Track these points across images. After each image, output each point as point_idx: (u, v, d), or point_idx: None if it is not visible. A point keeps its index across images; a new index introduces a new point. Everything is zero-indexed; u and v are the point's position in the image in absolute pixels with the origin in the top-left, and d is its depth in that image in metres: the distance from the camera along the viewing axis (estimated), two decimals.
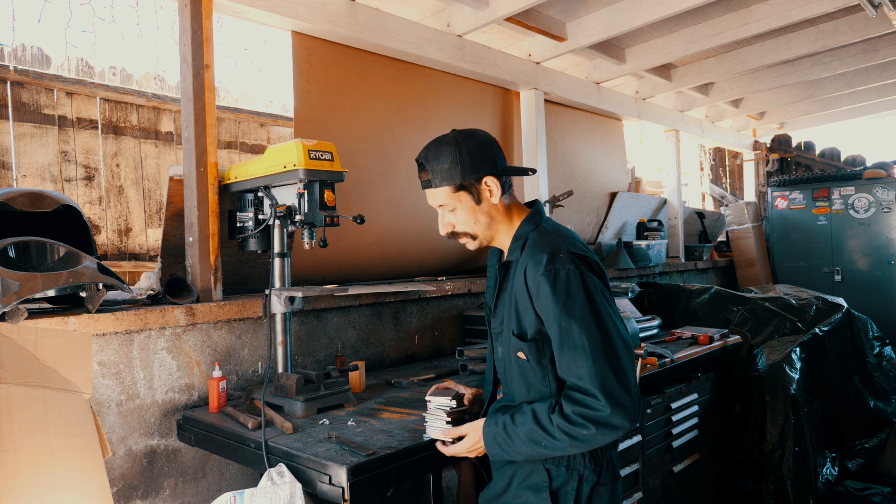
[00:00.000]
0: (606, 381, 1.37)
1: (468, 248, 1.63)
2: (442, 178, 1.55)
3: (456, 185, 1.55)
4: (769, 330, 3.69)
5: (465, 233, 1.59)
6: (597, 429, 1.37)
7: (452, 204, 1.56)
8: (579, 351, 1.39)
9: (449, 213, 1.59)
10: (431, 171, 1.55)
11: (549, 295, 1.44)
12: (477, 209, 1.57)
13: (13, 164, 2.71)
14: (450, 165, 1.54)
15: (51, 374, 1.78)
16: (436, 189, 1.56)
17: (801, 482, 3.15)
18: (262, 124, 3.67)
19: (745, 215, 6.16)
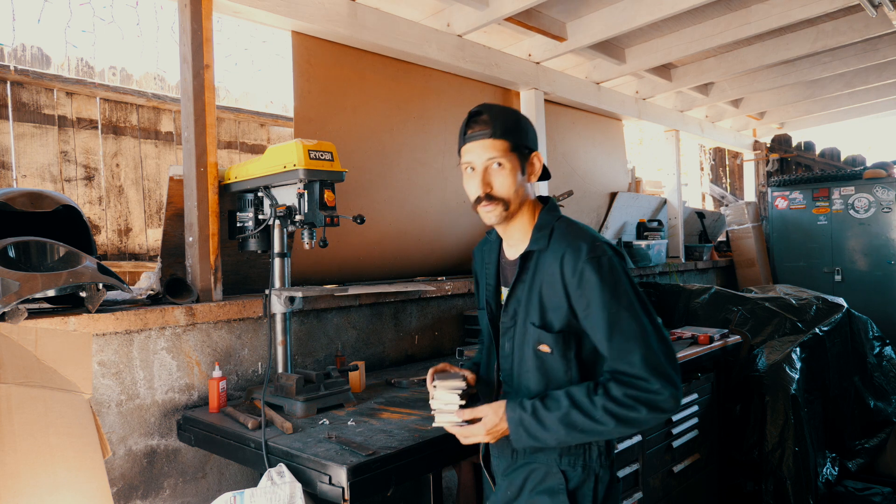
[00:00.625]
0: (660, 365, 1.36)
1: (489, 219, 1.53)
2: (505, 132, 1.48)
3: (515, 144, 1.49)
4: (769, 330, 3.69)
5: (500, 198, 1.49)
6: (648, 412, 1.35)
7: (503, 161, 1.48)
8: (631, 338, 1.38)
9: (494, 171, 1.49)
10: (494, 122, 1.48)
11: (595, 283, 1.41)
12: (519, 179, 1.51)
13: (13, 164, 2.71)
14: (515, 124, 1.51)
15: (51, 374, 1.78)
16: (494, 140, 1.47)
17: (801, 482, 3.15)
18: (262, 124, 3.67)
19: (745, 215, 6.16)
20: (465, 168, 1.53)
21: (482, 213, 1.52)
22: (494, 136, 1.48)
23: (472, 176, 1.51)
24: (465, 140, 1.51)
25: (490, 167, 1.49)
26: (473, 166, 1.51)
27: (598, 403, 1.37)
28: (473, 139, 1.50)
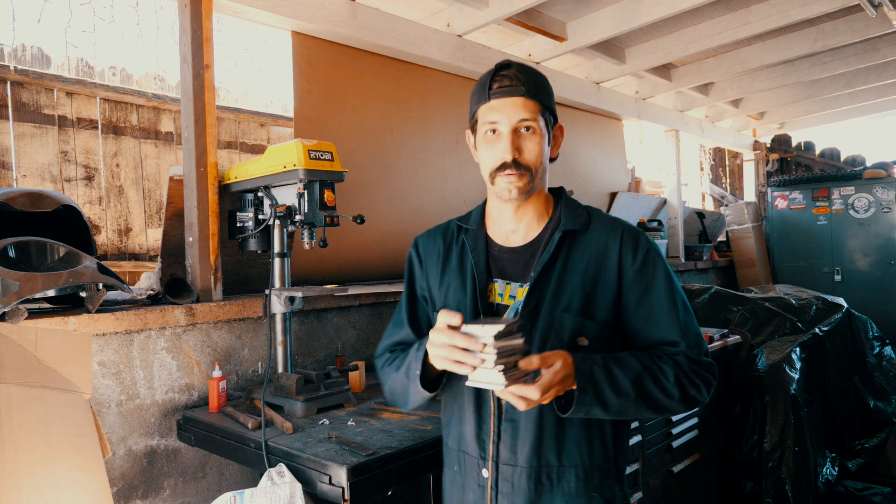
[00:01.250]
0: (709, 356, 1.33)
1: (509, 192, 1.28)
2: (539, 92, 1.28)
3: (545, 107, 1.30)
4: (769, 330, 3.69)
5: (528, 165, 1.27)
6: (707, 393, 1.28)
7: (534, 125, 1.27)
8: (693, 324, 1.32)
9: (525, 135, 1.27)
10: (527, 78, 1.27)
11: (662, 267, 1.31)
12: (546, 148, 1.31)
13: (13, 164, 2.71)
14: (544, 84, 1.31)
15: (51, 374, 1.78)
16: (527, 100, 1.26)
17: (801, 482, 3.15)
18: (262, 124, 3.67)
19: (745, 215, 6.16)
20: (485, 130, 1.29)
21: (503, 184, 1.27)
22: (528, 94, 1.26)
23: (495, 139, 1.28)
24: (490, 95, 1.27)
25: (520, 130, 1.27)
26: (497, 128, 1.27)
27: (669, 373, 1.23)
28: (500, 95, 1.27)
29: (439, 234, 1.46)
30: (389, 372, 1.41)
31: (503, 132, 1.27)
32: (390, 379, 1.40)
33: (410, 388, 1.31)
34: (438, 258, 1.42)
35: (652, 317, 1.29)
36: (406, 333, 1.44)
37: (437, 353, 1.15)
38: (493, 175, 1.28)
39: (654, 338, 1.30)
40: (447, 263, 1.41)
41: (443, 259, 1.42)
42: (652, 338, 1.30)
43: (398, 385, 1.36)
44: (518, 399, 1.11)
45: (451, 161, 3.49)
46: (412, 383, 1.29)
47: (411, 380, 1.29)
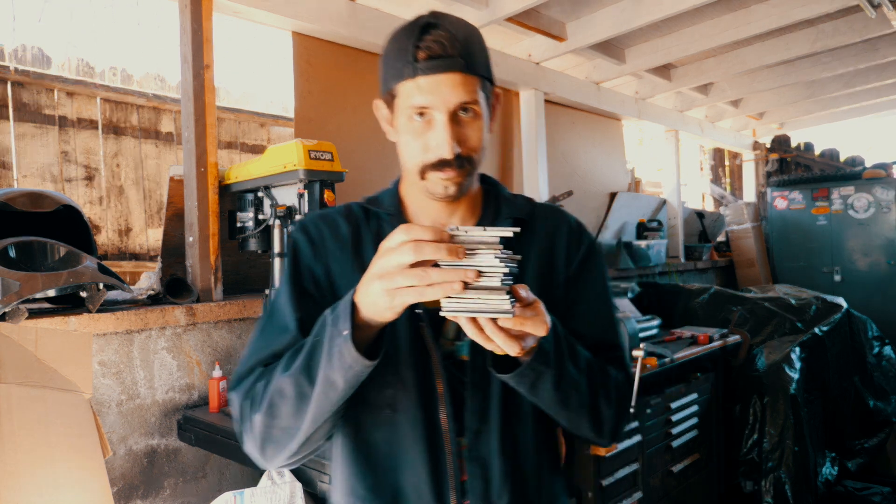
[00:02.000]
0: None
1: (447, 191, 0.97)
2: (478, 63, 0.95)
3: (485, 79, 0.98)
4: (769, 330, 3.69)
5: (471, 157, 0.96)
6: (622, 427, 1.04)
7: (476, 106, 0.95)
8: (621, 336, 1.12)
9: (466, 122, 0.95)
10: (464, 46, 0.93)
11: (602, 263, 1.13)
12: (486, 129, 0.99)
13: (14, 164, 2.71)
14: (482, 47, 0.99)
15: (51, 374, 1.79)
16: (468, 76, 0.93)
17: (801, 482, 3.16)
18: (263, 124, 3.67)
19: (744, 215, 6.17)
20: (410, 115, 0.94)
21: (438, 183, 0.95)
22: (468, 67, 0.93)
23: (424, 127, 0.94)
24: (417, 70, 0.92)
25: (459, 114, 0.94)
26: (428, 113, 0.93)
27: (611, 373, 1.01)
28: (431, 70, 0.92)
29: (340, 217, 1.08)
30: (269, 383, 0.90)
31: (437, 119, 0.93)
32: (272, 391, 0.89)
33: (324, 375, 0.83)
34: (345, 246, 1.04)
35: (590, 315, 1.07)
36: (293, 340, 0.95)
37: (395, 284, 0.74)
38: (424, 170, 0.95)
39: (593, 339, 1.04)
40: (361, 252, 1.03)
41: (352, 247, 1.04)
42: (590, 339, 1.03)
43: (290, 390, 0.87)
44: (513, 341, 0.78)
45: None
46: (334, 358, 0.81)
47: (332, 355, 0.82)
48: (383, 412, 0.98)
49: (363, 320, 0.81)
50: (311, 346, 0.87)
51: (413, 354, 0.97)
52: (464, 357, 0.99)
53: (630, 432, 2.45)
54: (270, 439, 0.92)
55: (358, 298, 0.80)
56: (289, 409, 0.88)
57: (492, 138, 3.80)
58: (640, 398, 2.51)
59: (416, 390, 0.97)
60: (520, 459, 1.00)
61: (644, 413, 2.55)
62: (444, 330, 1.00)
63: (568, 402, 0.92)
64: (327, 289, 1.02)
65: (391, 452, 0.98)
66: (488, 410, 0.98)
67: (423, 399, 0.97)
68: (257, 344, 1.00)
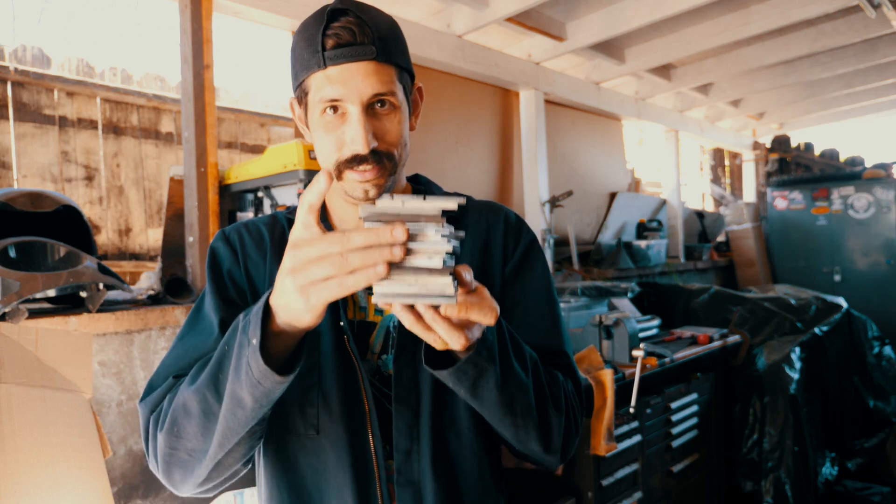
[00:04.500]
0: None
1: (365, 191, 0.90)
2: (393, 48, 0.89)
3: (401, 69, 0.91)
4: (769, 330, 3.70)
5: (390, 152, 0.90)
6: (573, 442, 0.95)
7: (392, 98, 0.89)
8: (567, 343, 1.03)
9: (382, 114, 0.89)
10: (374, 31, 0.86)
11: (543, 263, 1.04)
12: (406, 124, 0.94)
13: (14, 165, 2.71)
14: (400, 36, 0.92)
15: (51, 374, 1.79)
16: (380, 64, 0.87)
17: (801, 482, 3.16)
18: (263, 124, 3.67)
19: (744, 215, 6.17)
20: (322, 109, 0.88)
21: (356, 183, 0.89)
22: (381, 55, 0.86)
23: (337, 122, 0.88)
24: (326, 60, 0.85)
25: (373, 106, 0.88)
26: (340, 106, 0.88)
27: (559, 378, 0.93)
28: (341, 59, 0.85)
29: (263, 227, 1.02)
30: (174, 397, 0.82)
31: (351, 112, 0.87)
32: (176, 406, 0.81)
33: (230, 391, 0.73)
34: (266, 257, 0.98)
35: (529, 318, 0.98)
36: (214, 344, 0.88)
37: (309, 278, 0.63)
38: (340, 169, 0.89)
39: (534, 345, 0.95)
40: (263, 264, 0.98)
41: (274, 257, 0.98)
42: (531, 345, 0.93)
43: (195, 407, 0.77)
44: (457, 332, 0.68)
45: (451, 161, 3.50)
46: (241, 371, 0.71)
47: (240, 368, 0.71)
48: (307, 434, 0.90)
49: (279, 327, 0.70)
50: (219, 355, 0.76)
51: (337, 370, 0.89)
52: (391, 371, 0.91)
53: (630, 432, 2.45)
54: (175, 462, 0.81)
55: (273, 300, 0.69)
56: (193, 429, 0.78)
57: (491, 138, 3.80)
58: (641, 398, 2.51)
59: (341, 410, 0.89)
60: (457, 480, 0.91)
61: (644, 413, 2.55)
62: (371, 343, 0.93)
63: (513, 406, 0.82)
64: (251, 299, 0.95)
65: (316, 479, 0.89)
66: (418, 428, 0.89)
67: (348, 419, 0.89)
68: (175, 351, 0.90)
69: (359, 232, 0.61)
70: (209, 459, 0.79)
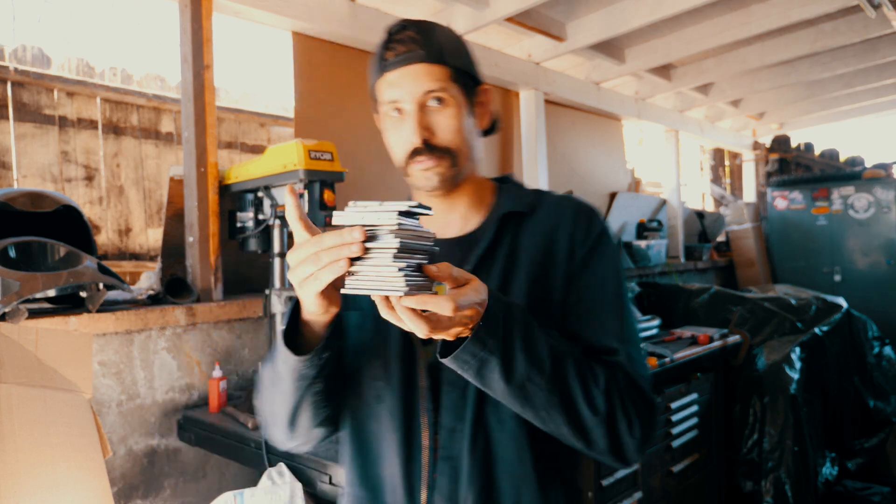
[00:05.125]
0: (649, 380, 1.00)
1: (428, 182, 1.02)
2: (445, 53, 0.99)
3: (458, 71, 1.01)
4: (769, 330, 3.70)
5: (444, 147, 0.99)
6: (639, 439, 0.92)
7: (446, 95, 0.99)
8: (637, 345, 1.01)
9: (435, 110, 0.99)
10: (427, 39, 0.98)
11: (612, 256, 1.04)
12: (468, 121, 1.03)
13: (14, 165, 2.71)
14: (454, 42, 1.03)
15: (51, 374, 1.79)
16: (431, 66, 0.98)
17: (801, 482, 3.16)
18: (263, 124, 3.67)
19: (744, 215, 6.17)
20: (387, 111, 1.02)
21: (417, 175, 1.01)
22: (430, 58, 0.97)
23: (400, 121, 1.00)
24: (385, 67, 0.99)
25: (426, 105, 0.98)
26: (400, 106, 0.99)
27: (601, 378, 0.90)
28: (397, 65, 0.98)
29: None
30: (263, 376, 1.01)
31: (408, 110, 0.99)
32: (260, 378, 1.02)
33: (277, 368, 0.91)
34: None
35: (590, 314, 0.99)
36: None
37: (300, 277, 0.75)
38: (406, 164, 1.02)
39: (588, 342, 0.97)
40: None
41: None
42: (585, 342, 0.97)
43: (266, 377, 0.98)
44: (420, 320, 0.73)
45: None
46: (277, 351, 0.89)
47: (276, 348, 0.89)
48: (372, 404, 1.01)
49: (304, 317, 0.86)
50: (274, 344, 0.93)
51: (401, 351, 0.99)
52: None
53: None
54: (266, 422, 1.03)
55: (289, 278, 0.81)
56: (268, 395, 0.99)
57: (491, 138, 3.80)
58: None
59: (399, 385, 0.99)
60: (493, 464, 0.95)
61: None
62: None
63: (530, 399, 0.85)
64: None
65: (377, 444, 1.01)
66: (464, 409, 0.96)
67: (405, 394, 0.98)
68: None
69: (329, 234, 0.73)
70: (282, 419, 0.97)
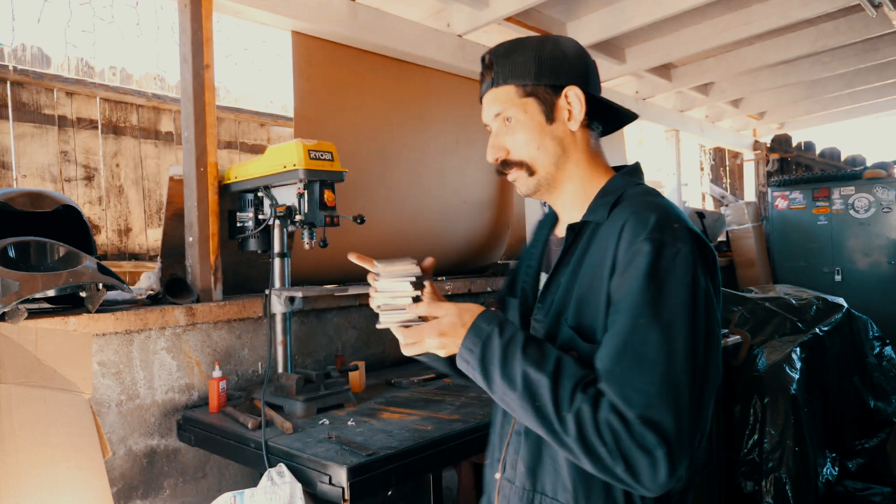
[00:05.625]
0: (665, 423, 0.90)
1: (520, 190, 1.17)
2: (510, 74, 1.12)
3: (527, 85, 1.11)
4: (769, 330, 3.69)
5: (520, 162, 1.13)
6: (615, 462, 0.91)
7: (514, 113, 1.12)
8: (641, 362, 0.93)
9: (505, 129, 1.14)
10: (498, 64, 1.13)
11: (641, 270, 0.96)
12: (546, 129, 1.12)
13: (13, 164, 2.71)
14: (524, 59, 1.12)
15: (51, 374, 1.79)
16: (496, 89, 1.13)
17: (801, 482, 3.15)
18: (262, 124, 3.67)
19: (745, 215, 6.16)
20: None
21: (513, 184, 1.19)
22: (496, 83, 1.13)
23: (492, 133, 1.18)
24: (480, 97, 1.20)
25: (501, 125, 1.14)
26: (489, 128, 1.18)
27: (577, 401, 0.94)
28: (482, 94, 1.18)
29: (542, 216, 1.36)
30: None
31: (491, 132, 1.18)
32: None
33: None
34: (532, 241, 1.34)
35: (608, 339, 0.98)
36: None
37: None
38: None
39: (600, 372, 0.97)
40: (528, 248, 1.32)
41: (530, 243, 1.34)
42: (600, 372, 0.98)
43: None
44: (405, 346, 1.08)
45: (451, 161, 3.49)
46: None
47: None
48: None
49: None
50: None
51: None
52: None
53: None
54: None
55: None
56: None
57: None
58: None
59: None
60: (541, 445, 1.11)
61: None
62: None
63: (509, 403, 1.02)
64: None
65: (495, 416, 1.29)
66: None
67: None
68: None
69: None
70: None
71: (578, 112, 1.13)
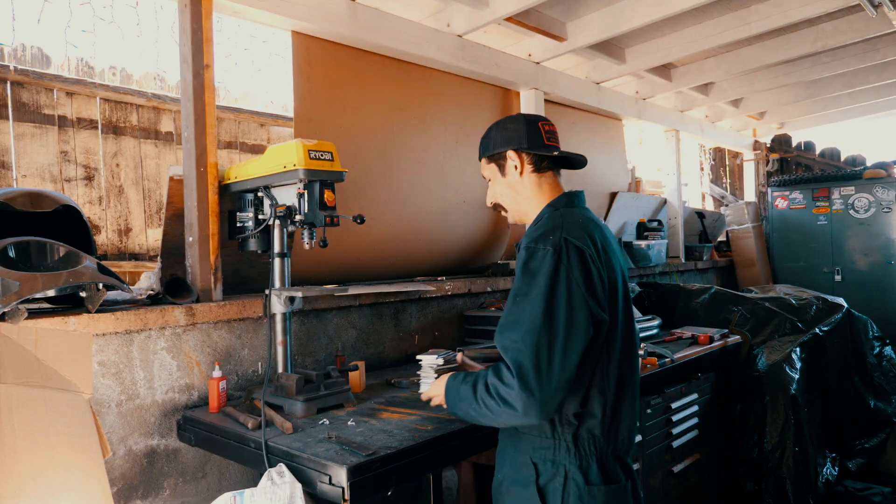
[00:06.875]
0: (525, 362, 1.34)
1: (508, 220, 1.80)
2: (482, 151, 1.74)
3: (487, 156, 1.71)
4: (769, 330, 3.69)
5: (497, 203, 1.73)
6: (502, 406, 1.37)
7: (488, 174, 1.72)
8: (514, 325, 1.39)
9: (488, 185, 1.73)
10: (480, 145, 1.75)
11: (519, 267, 1.47)
12: (502, 181, 1.69)
13: (13, 164, 2.71)
14: (485, 139, 1.73)
15: (51, 374, 1.79)
16: (481, 162, 1.75)
17: (801, 482, 3.16)
18: (262, 124, 3.67)
19: (745, 215, 6.16)
20: None
21: None
22: (480, 157, 1.74)
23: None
24: None
25: (488, 182, 1.74)
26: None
27: (480, 387, 1.44)
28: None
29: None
30: None
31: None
32: None
33: None
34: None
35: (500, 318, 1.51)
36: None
37: None
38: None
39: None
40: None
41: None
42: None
43: None
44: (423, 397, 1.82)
45: (451, 161, 3.49)
46: None
47: None
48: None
49: None
50: None
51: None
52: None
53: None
54: None
55: None
56: None
57: None
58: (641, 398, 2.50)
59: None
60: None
61: (644, 413, 2.55)
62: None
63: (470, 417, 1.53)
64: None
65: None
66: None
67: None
68: None
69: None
70: None
71: (518, 165, 1.65)
